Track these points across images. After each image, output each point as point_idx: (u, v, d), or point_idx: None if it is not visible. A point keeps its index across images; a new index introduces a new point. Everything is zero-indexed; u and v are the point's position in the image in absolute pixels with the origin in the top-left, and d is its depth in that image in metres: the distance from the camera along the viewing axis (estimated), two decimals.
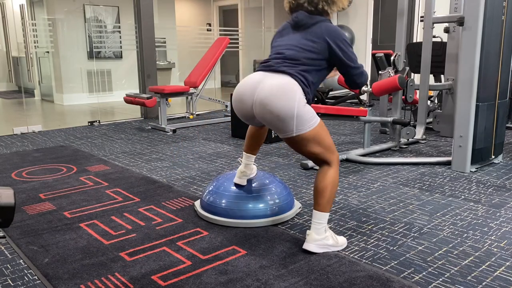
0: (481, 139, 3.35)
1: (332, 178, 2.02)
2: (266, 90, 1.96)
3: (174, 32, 8.38)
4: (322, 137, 2.00)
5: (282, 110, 1.92)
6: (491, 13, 3.16)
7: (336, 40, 2.00)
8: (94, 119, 5.97)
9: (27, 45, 5.48)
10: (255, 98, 2.00)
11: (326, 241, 2.05)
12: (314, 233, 2.03)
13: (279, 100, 1.92)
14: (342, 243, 2.12)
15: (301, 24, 2.05)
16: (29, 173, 3.45)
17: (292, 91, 1.94)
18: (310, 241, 2.04)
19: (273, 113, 1.94)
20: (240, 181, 2.46)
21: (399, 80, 3.71)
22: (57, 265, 1.96)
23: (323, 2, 2.03)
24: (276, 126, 1.99)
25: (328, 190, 2.00)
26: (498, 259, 1.99)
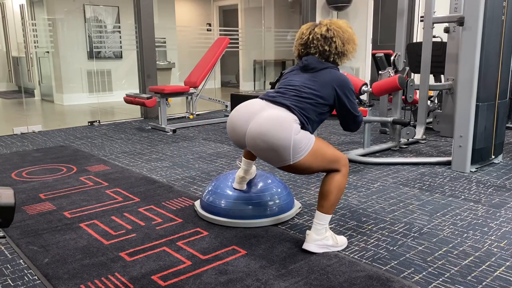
0: (481, 139, 3.35)
1: (338, 183, 2.01)
2: (262, 120, 1.95)
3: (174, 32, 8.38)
4: (321, 152, 1.99)
5: (277, 140, 1.89)
6: (491, 13, 3.16)
7: (344, 89, 2.04)
8: (94, 119, 5.98)
9: (27, 45, 5.48)
10: (249, 126, 1.98)
11: (326, 241, 2.05)
12: (314, 233, 2.04)
13: (275, 131, 1.90)
14: (342, 243, 2.12)
15: (311, 68, 2.08)
16: (29, 173, 3.45)
17: (288, 122, 1.93)
18: (310, 241, 2.05)
19: (267, 142, 1.91)
20: (240, 187, 2.44)
21: (399, 80, 3.71)
22: (57, 265, 1.96)
23: (334, 56, 2.09)
24: (270, 157, 1.96)
25: (334, 194, 2.01)
26: (498, 259, 1.99)
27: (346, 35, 2.08)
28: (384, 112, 4.67)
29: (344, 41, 2.08)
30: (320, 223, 2.03)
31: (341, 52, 2.09)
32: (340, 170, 2.03)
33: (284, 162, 1.94)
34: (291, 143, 1.89)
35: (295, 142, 1.90)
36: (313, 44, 2.08)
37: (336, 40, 2.06)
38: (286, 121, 1.93)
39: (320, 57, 2.09)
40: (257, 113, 1.99)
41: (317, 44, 2.07)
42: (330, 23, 2.09)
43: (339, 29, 2.08)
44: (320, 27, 2.09)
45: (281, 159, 1.94)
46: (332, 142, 4.51)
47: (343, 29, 2.09)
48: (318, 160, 1.97)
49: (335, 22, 2.10)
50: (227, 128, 2.11)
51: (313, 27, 2.12)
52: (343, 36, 2.08)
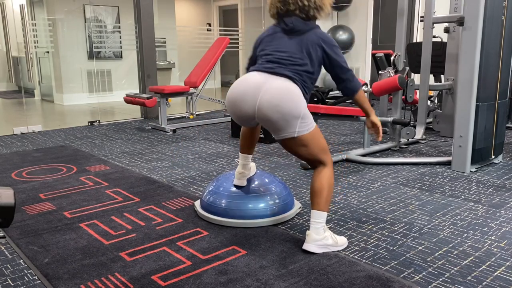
0: (481, 139, 3.35)
1: (328, 178, 2.07)
2: (274, 92, 1.98)
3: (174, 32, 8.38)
4: (318, 138, 2.06)
5: (291, 111, 1.96)
6: (491, 13, 3.16)
7: (332, 47, 2.08)
8: (94, 119, 5.98)
9: (27, 45, 5.48)
10: (259, 98, 2.01)
11: (326, 241, 2.06)
12: (313, 233, 2.05)
13: (288, 101, 1.96)
14: (342, 243, 2.13)
15: (297, 30, 2.08)
16: (29, 173, 3.45)
17: (298, 94, 2.01)
18: (309, 242, 2.05)
19: (282, 113, 1.97)
20: (240, 182, 2.46)
21: (399, 80, 3.71)
22: (57, 265, 1.96)
23: (314, 10, 2.09)
24: (278, 127, 2.01)
25: (326, 189, 2.05)
26: (498, 259, 1.99)
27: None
28: (384, 112, 4.67)
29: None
30: (318, 221, 2.05)
31: (319, 6, 2.09)
32: (327, 165, 2.09)
33: (290, 134, 2.01)
34: (300, 115, 1.98)
35: (303, 115, 1.99)
36: (290, 1, 2.07)
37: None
38: (295, 93, 2.00)
39: (301, 13, 2.08)
40: (263, 85, 2.02)
41: (295, 1, 2.06)
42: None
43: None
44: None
45: (288, 130, 2.00)
46: (332, 142, 4.51)
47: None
48: (314, 143, 2.05)
49: None
50: (229, 106, 2.12)
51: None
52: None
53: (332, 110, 3.44)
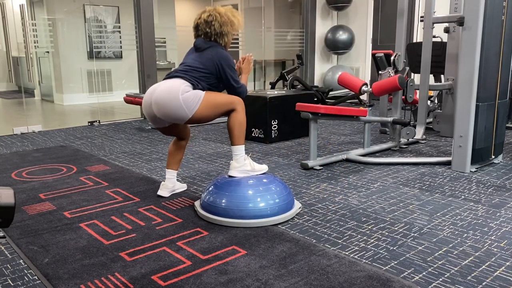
0: (481, 139, 3.35)
1: (238, 119, 2.50)
2: (157, 94, 2.46)
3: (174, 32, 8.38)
4: (214, 101, 2.47)
5: (170, 106, 2.40)
6: (491, 13, 3.16)
7: (223, 63, 2.52)
8: (94, 119, 5.98)
9: (27, 45, 5.48)
10: (151, 103, 2.49)
11: (245, 167, 2.52)
12: (235, 162, 2.53)
13: (166, 99, 2.41)
14: (260, 169, 2.56)
15: (198, 47, 2.59)
16: (29, 173, 3.45)
17: (175, 86, 2.42)
18: (232, 169, 2.53)
19: (166, 109, 2.42)
20: (163, 193, 2.84)
21: (399, 80, 3.71)
22: (57, 265, 1.96)
23: (215, 36, 2.57)
24: (174, 118, 2.46)
25: (236, 127, 2.49)
26: (498, 259, 1.99)
27: (223, 18, 2.55)
28: (384, 112, 4.67)
29: (221, 24, 2.54)
30: (236, 153, 2.52)
31: (219, 33, 2.56)
32: (235, 108, 2.50)
33: (185, 118, 2.45)
34: (181, 101, 2.39)
35: (184, 99, 2.40)
36: (199, 27, 2.59)
37: (215, 23, 2.53)
38: (173, 86, 2.42)
39: (206, 38, 2.58)
40: (155, 89, 2.50)
41: (202, 28, 2.57)
42: (212, 9, 2.56)
43: (217, 14, 2.54)
44: (204, 12, 2.57)
45: (181, 117, 2.44)
46: (332, 142, 4.51)
47: (221, 14, 2.55)
48: (213, 106, 2.47)
49: (217, 8, 2.57)
50: (142, 108, 2.62)
51: (200, 14, 2.59)
52: (221, 20, 2.54)
53: (332, 110, 3.44)
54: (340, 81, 4.23)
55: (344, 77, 4.19)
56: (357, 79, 4.20)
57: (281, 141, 4.57)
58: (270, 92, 4.83)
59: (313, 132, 3.49)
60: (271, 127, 4.48)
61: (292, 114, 4.52)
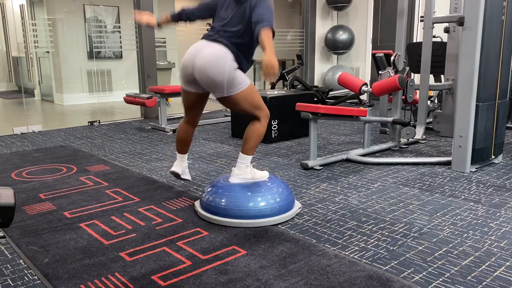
0: (481, 139, 3.35)
1: (257, 130, 2.44)
2: (203, 58, 2.34)
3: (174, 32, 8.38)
4: (251, 97, 2.40)
5: (215, 75, 2.31)
6: (491, 13, 3.16)
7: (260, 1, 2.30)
8: (94, 119, 5.97)
9: (27, 45, 5.49)
10: (194, 65, 2.38)
11: (246, 175, 2.48)
12: (236, 169, 2.48)
13: (213, 67, 2.31)
14: (260, 176, 2.51)
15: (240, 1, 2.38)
16: (29, 173, 3.45)
17: (223, 58, 2.32)
18: (233, 175, 2.49)
19: (208, 77, 2.33)
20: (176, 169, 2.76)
21: (399, 80, 3.71)
22: (57, 265, 1.96)
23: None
24: (211, 87, 2.39)
25: (253, 139, 2.43)
26: (498, 259, 1.99)
27: None
28: (384, 112, 4.67)
29: None
30: (242, 161, 2.46)
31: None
32: (260, 119, 2.44)
33: (221, 93, 2.38)
34: (225, 78, 2.31)
35: (229, 77, 2.32)
36: None
37: None
38: (221, 57, 2.32)
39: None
40: (199, 51, 2.38)
41: None
42: None
43: None
44: None
45: (218, 90, 2.37)
46: (332, 142, 4.51)
47: None
48: (247, 101, 2.39)
49: None
50: (180, 70, 2.51)
51: None
52: None
53: (332, 110, 3.44)
54: (340, 81, 4.23)
55: (344, 77, 4.19)
56: (357, 79, 4.20)
57: (281, 141, 4.57)
58: (270, 92, 4.83)
59: (313, 132, 3.49)
60: (271, 127, 4.48)
61: (292, 114, 4.52)
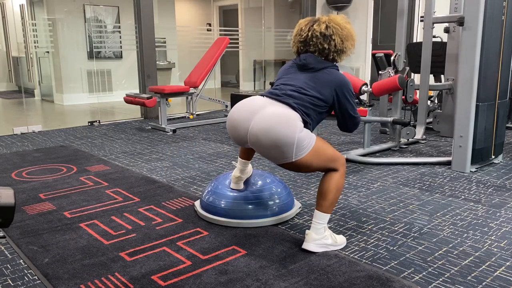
0: (481, 139, 3.35)
1: (336, 182, 2.02)
2: (266, 117, 1.94)
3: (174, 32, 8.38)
4: (322, 151, 2.00)
5: (282, 138, 1.90)
6: (491, 13, 3.16)
7: (344, 90, 2.06)
8: (94, 119, 5.97)
9: (27, 45, 5.48)
10: (251, 124, 1.98)
11: (325, 240, 2.06)
12: (313, 233, 2.04)
13: (280, 128, 1.90)
14: (341, 242, 2.13)
15: (310, 68, 2.07)
16: (29, 173, 3.45)
17: (293, 120, 1.94)
18: (309, 241, 2.05)
19: (272, 139, 1.91)
20: (237, 186, 2.44)
21: (399, 80, 3.71)
22: (57, 265, 1.96)
23: (334, 54, 2.08)
24: (273, 154, 1.96)
25: (332, 193, 2.02)
26: (498, 259, 1.99)
27: (344, 32, 2.07)
28: (384, 112, 4.67)
29: (343, 39, 2.07)
30: (319, 222, 2.04)
31: (340, 50, 2.08)
32: (338, 170, 2.04)
33: (287, 160, 1.95)
34: (295, 141, 1.90)
35: (299, 139, 1.91)
36: (312, 41, 2.07)
37: (335, 38, 2.05)
38: (290, 118, 1.93)
39: (320, 55, 2.09)
40: (259, 110, 1.98)
41: (316, 42, 2.06)
42: (329, 20, 2.08)
43: (337, 26, 2.06)
44: (319, 24, 2.07)
45: (284, 156, 1.94)
46: (332, 142, 4.51)
47: (342, 26, 2.07)
48: (319, 158, 1.98)
49: (333, 19, 2.09)
50: (228, 125, 2.09)
51: (312, 23, 2.10)
52: (342, 33, 2.07)
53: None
54: None
55: None
56: (357, 79, 4.19)
57: None
58: None
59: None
60: None
61: None
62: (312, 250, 2.04)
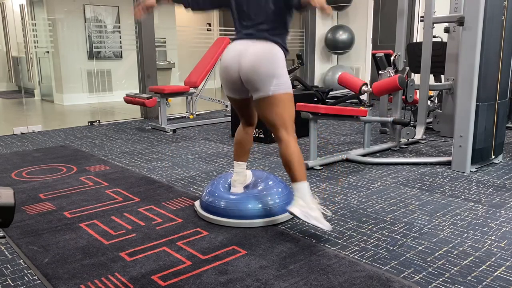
0: (481, 139, 3.35)
1: (297, 152, 2.18)
2: (252, 55, 2.15)
3: (174, 32, 8.38)
4: (291, 105, 2.20)
5: (267, 71, 2.12)
6: (491, 13, 3.16)
7: None
8: (94, 119, 5.98)
9: (27, 45, 5.49)
10: (241, 63, 2.18)
11: (310, 211, 2.14)
12: (300, 199, 2.16)
13: (265, 63, 2.12)
14: (326, 225, 2.16)
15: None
16: (29, 173, 3.45)
17: (275, 55, 2.16)
18: (295, 205, 2.16)
19: (259, 73, 2.13)
20: (237, 190, 2.51)
21: (399, 80, 3.71)
22: (57, 265, 1.96)
23: None
24: (257, 86, 2.16)
25: (295, 161, 2.16)
26: (498, 259, 1.99)
27: None
28: (384, 112, 4.67)
29: None
30: (302, 191, 2.16)
31: None
32: (289, 135, 2.19)
33: (265, 93, 2.15)
34: (275, 75, 2.13)
35: (279, 75, 2.14)
36: None
37: None
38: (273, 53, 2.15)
39: None
40: (244, 52, 2.18)
41: None
42: None
43: None
44: None
45: (264, 88, 2.14)
46: (332, 142, 4.51)
47: None
48: (286, 106, 2.18)
49: None
50: (221, 74, 2.29)
51: None
52: None
53: (332, 110, 3.44)
54: (340, 81, 4.23)
55: (344, 77, 4.19)
56: (357, 79, 4.20)
57: None
58: None
59: (313, 132, 3.49)
60: None
61: None
62: (294, 212, 2.14)
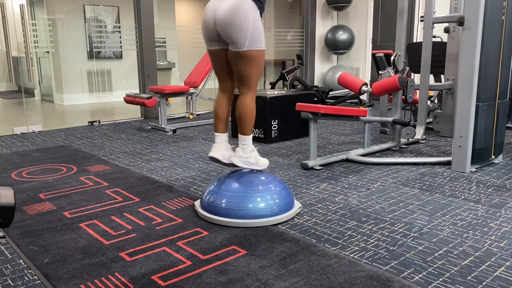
0: (481, 139, 3.35)
1: (250, 107, 2.41)
2: (224, 9, 2.27)
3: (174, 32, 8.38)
4: (260, 65, 2.36)
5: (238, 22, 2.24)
6: (491, 13, 3.16)
7: None
8: (94, 119, 5.97)
9: (27, 45, 5.48)
10: (216, 17, 2.30)
11: (249, 160, 2.48)
12: (241, 151, 2.47)
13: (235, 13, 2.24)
14: (263, 164, 2.53)
15: None
16: (29, 173, 3.45)
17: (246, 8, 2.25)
18: (237, 156, 2.48)
19: (232, 25, 2.25)
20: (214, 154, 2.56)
21: (399, 80, 3.71)
22: (57, 265, 1.96)
23: None
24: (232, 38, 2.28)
25: (248, 117, 2.42)
26: (498, 259, 1.99)
27: None
28: (384, 112, 4.67)
29: None
30: (245, 143, 2.46)
31: None
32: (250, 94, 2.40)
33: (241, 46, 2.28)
34: (250, 27, 2.25)
35: (254, 27, 2.26)
36: None
37: None
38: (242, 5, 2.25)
39: None
40: (218, 6, 2.30)
41: None
42: None
43: None
44: None
45: (240, 41, 2.27)
46: (332, 142, 4.51)
47: None
48: (256, 66, 2.34)
49: None
50: (202, 30, 2.43)
51: None
52: None
53: (332, 110, 3.44)
54: (340, 81, 4.23)
55: (344, 77, 4.19)
56: (357, 79, 4.20)
57: (281, 141, 4.57)
58: (270, 92, 4.82)
59: (313, 132, 3.49)
60: (271, 127, 4.48)
61: (292, 114, 4.52)
62: (237, 163, 2.47)
